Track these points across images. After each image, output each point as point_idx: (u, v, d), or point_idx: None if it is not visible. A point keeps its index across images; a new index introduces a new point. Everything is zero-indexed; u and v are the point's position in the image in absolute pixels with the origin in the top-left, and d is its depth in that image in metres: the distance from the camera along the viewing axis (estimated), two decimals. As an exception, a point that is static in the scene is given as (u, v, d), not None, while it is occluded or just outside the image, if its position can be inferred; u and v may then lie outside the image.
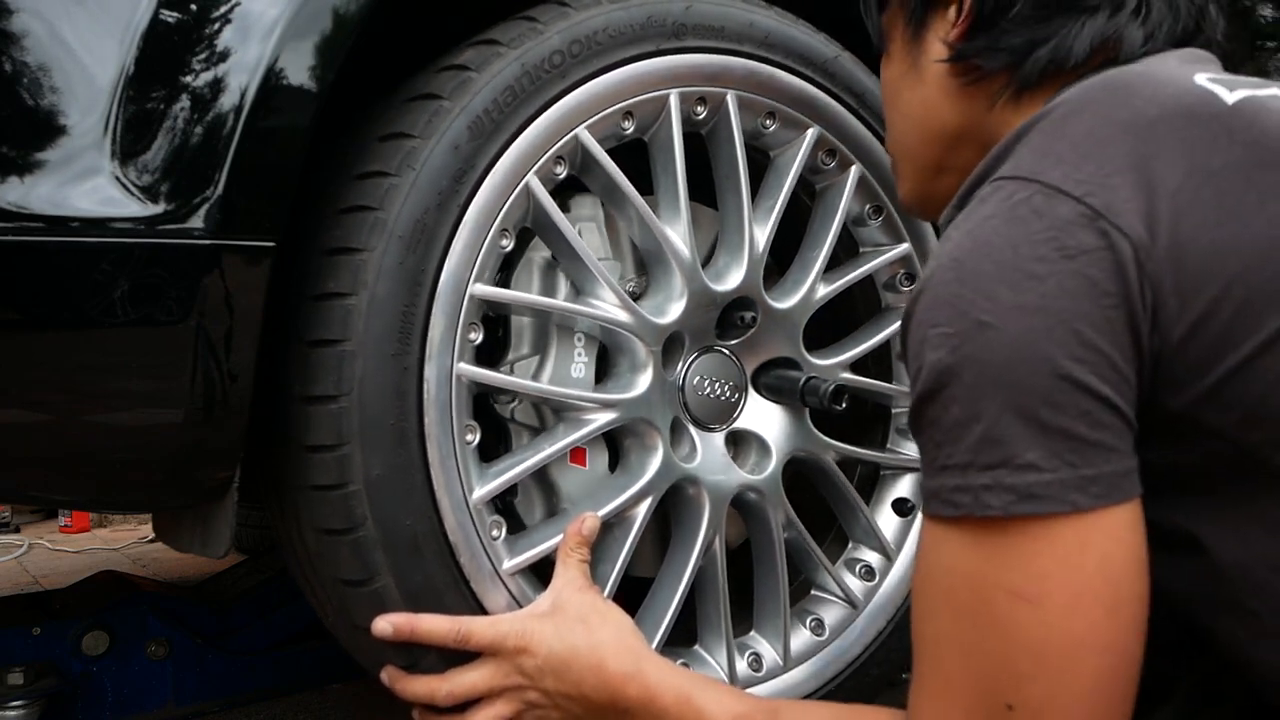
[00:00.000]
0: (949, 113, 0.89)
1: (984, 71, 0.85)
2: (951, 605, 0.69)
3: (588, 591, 1.02)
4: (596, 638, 0.97)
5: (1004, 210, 0.69)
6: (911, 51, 0.91)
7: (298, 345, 0.98)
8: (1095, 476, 0.64)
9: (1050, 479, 0.64)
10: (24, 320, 0.85)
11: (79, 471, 0.93)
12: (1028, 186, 0.69)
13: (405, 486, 0.98)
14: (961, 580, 0.68)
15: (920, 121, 0.92)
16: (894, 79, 0.96)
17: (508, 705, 0.98)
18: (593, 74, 1.09)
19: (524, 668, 0.97)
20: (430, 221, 0.99)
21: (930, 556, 0.71)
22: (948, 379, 0.66)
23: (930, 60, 0.89)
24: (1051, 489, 0.64)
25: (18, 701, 1.34)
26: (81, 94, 0.84)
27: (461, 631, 0.98)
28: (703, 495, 1.18)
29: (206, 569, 2.40)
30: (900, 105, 0.95)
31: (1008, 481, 0.64)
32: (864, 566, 1.35)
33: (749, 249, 1.20)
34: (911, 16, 0.91)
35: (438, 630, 0.98)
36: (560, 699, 0.96)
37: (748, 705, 0.90)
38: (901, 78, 0.94)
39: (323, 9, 0.92)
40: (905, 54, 0.92)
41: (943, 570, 0.69)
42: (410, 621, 0.98)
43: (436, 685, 0.99)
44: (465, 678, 0.98)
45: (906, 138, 0.95)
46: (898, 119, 0.97)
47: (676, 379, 1.20)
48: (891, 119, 0.98)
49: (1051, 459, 0.64)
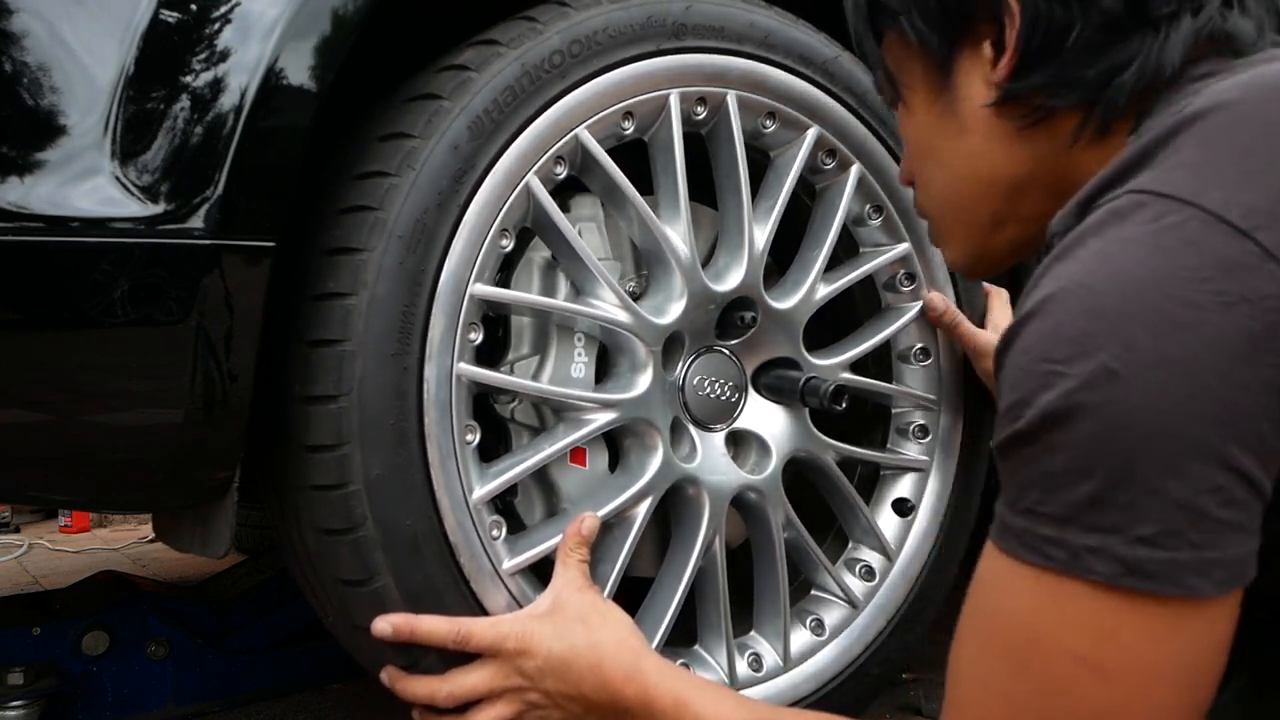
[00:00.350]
0: (1006, 161, 0.80)
1: (1050, 110, 0.76)
2: (1005, 652, 0.63)
3: (587, 591, 1.02)
4: (596, 638, 0.97)
5: (1150, 235, 0.59)
6: (942, 98, 0.82)
7: (298, 345, 0.98)
8: (1219, 561, 0.57)
9: (1167, 558, 0.56)
10: (24, 320, 0.84)
11: (79, 471, 0.93)
12: (1181, 210, 0.59)
13: (405, 486, 0.98)
14: (1024, 631, 0.62)
15: (968, 175, 0.83)
16: (923, 131, 0.86)
17: (508, 706, 0.98)
18: (593, 74, 1.09)
19: (524, 669, 0.97)
20: (430, 221, 0.99)
21: (992, 593, 0.65)
22: (1058, 425, 0.58)
23: (972, 105, 0.80)
24: (1167, 569, 0.56)
25: (18, 701, 1.34)
26: (81, 94, 0.84)
27: (461, 632, 0.98)
28: (703, 495, 1.18)
29: (206, 569, 2.40)
30: (938, 159, 0.85)
31: (1118, 551, 0.57)
32: (864, 566, 1.35)
33: (749, 249, 1.20)
34: (935, 58, 0.81)
35: (437, 631, 0.97)
36: (561, 699, 0.96)
37: (743, 711, 0.90)
38: (933, 129, 0.84)
39: (322, 9, 0.92)
40: (933, 102, 0.83)
41: (1003, 613, 0.64)
42: (410, 622, 0.97)
43: (437, 686, 0.98)
44: (466, 679, 0.98)
45: (952, 195, 0.86)
46: (936, 175, 0.87)
47: (676, 379, 1.20)
48: (928, 175, 0.88)
49: (1172, 537, 0.56)
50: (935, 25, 0.80)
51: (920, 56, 0.82)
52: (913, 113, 0.87)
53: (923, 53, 0.82)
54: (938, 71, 0.82)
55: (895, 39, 0.86)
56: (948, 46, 0.80)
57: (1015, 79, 0.76)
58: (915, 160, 0.90)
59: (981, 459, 1.42)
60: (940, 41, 0.81)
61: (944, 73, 0.81)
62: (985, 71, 0.78)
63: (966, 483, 1.40)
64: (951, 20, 0.79)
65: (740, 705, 0.92)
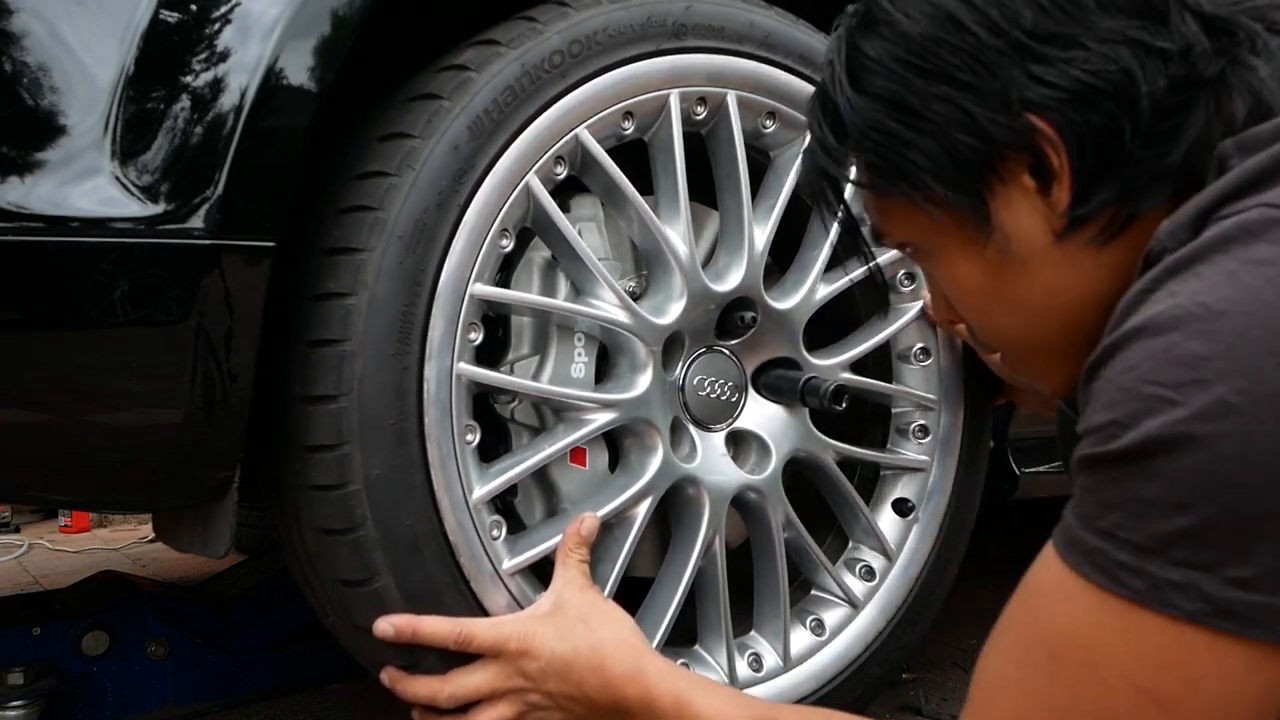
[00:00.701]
0: (1093, 279, 0.72)
1: (1134, 215, 0.69)
2: (1053, 665, 0.61)
3: (588, 591, 1.02)
4: (598, 638, 0.97)
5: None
6: (990, 244, 0.74)
7: (298, 345, 0.98)
8: None
9: (1262, 603, 0.54)
10: (24, 320, 0.84)
11: (79, 471, 0.93)
12: None
13: (405, 486, 0.98)
14: (1080, 650, 0.59)
15: (1051, 310, 0.75)
16: (972, 280, 0.77)
17: (509, 707, 0.98)
18: (593, 74, 1.09)
19: (526, 670, 0.97)
20: (430, 221, 0.99)
21: (1047, 603, 0.62)
22: (1160, 453, 0.54)
23: (1033, 244, 0.72)
24: (1259, 613, 0.54)
25: (18, 701, 1.34)
26: (81, 94, 0.84)
27: (463, 634, 0.97)
28: (703, 495, 1.18)
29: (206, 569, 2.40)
30: (1006, 304, 0.77)
31: (1206, 589, 0.54)
32: (864, 566, 1.35)
33: (749, 249, 1.20)
34: (967, 213, 0.73)
35: (439, 632, 0.97)
36: (563, 700, 0.96)
37: (743, 710, 0.90)
38: (988, 275, 0.75)
39: (322, 9, 0.92)
40: (976, 250, 0.75)
41: (1057, 627, 0.61)
42: (412, 623, 0.97)
43: (438, 687, 0.98)
44: (467, 680, 0.98)
45: (1037, 333, 0.77)
46: (1008, 319, 0.78)
47: (677, 379, 1.20)
48: (995, 321, 0.80)
49: (1270, 582, 0.53)
50: (958, 186, 0.72)
51: (949, 210, 0.74)
52: (945, 262, 0.79)
53: (948, 205, 0.73)
54: (971, 224, 0.73)
55: (899, 204, 0.77)
56: (979, 200, 0.72)
57: (1079, 204, 0.69)
58: (968, 306, 0.81)
59: (982, 458, 1.42)
60: (970, 199, 0.72)
61: (981, 222, 0.73)
62: (1034, 204, 0.71)
63: (967, 482, 1.40)
64: (976, 173, 0.72)
65: (740, 703, 0.92)
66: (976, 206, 0.72)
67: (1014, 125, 0.69)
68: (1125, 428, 0.56)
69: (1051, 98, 0.68)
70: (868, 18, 0.75)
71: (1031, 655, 0.62)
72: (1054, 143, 0.69)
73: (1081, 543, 0.59)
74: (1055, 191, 0.70)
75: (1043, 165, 0.70)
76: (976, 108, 0.69)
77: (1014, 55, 0.69)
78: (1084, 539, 0.59)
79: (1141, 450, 0.55)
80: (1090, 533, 0.58)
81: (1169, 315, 0.56)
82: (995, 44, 0.69)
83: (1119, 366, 0.58)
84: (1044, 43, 0.68)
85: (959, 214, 0.73)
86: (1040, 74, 0.68)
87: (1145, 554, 0.56)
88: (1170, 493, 0.54)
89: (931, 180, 0.73)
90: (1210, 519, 0.53)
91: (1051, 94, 0.68)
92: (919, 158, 0.72)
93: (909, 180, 0.74)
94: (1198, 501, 0.54)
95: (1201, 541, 0.54)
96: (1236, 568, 0.53)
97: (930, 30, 0.71)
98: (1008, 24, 0.69)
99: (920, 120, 0.72)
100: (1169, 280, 0.58)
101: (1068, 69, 0.68)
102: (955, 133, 0.71)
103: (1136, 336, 0.57)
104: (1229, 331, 0.54)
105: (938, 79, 0.71)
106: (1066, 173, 0.69)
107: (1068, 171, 0.69)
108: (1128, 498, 0.56)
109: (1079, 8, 0.68)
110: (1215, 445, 0.53)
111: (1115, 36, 0.67)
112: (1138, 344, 0.57)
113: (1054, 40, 0.68)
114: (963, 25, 0.70)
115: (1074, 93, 0.67)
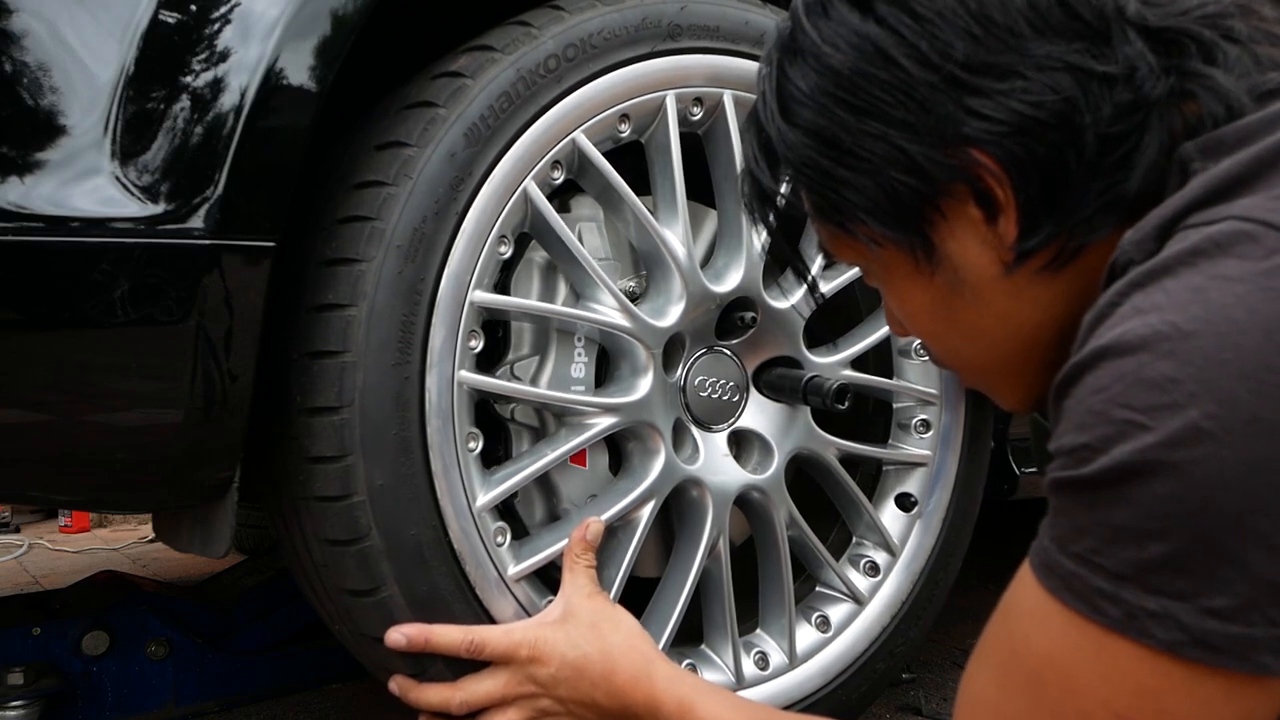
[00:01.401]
0: (1047, 304, 0.70)
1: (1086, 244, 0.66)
2: (1032, 689, 0.60)
3: (596, 597, 1.02)
4: (608, 644, 0.97)
5: (1259, 275, 0.52)
6: (938, 274, 0.71)
7: (298, 357, 0.98)
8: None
9: (1240, 634, 0.52)
10: (24, 320, 0.84)
11: (79, 471, 0.93)
12: None
13: (409, 496, 0.98)
14: (1058, 675, 0.58)
15: (1005, 337, 0.73)
16: (923, 306, 0.75)
17: (520, 713, 0.98)
18: (588, 78, 1.08)
19: (537, 676, 0.97)
20: (428, 230, 0.99)
21: (1025, 626, 0.60)
22: (1131, 480, 0.53)
23: (982, 275, 0.70)
24: (1237, 645, 0.52)
25: (18, 701, 1.34)
26: (81, 94, 0.84)
27: (475, 641, 0.98)
28: (706, 496, 1.18)
29: (206, 569, 2.40)
30: (959, 330, 0.75)
31: (1184, 620, 0.52)
32: (868, 562, 1.35)
33: (748, 248, 1.20)
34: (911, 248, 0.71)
35: (451, 640, 0.98)
36: (573, 705, 0.97)
37: (742, 714, 0.90)
38: (939, 303, 0.73)
39: (322, 10, 0.92)
40: (925, 280, 0.72)
41: (1035, 650, 0.59)
42: (424, 632, 0.98)
43: (449, 694, 0.99)
44: (479, 686, 0.98)
45: (991, 358, 0.76)
46: (963, 345, 0.76)
47: (678, 380, 1.20)
48: (950, 345, 0.78)
49: (1248, 612, 0.51)
50: (897, 225, 0.70)
51: (894, 244, 0.71)
52: (893, 287, 0.77)
53: (893, 241, 0.71)
54: (918, 255, 0.71)
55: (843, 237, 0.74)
56: (922, 235, 0.70)
57: (1027, 237, 0.66)
58: (919, 329, 0.79)
59: (984, 453, 1.42)
60: (911, 235, 0.70)
61: (926, 255, 0.70)
62: (981, 235, 0.68)
63: (969, 476, 1.40)
64: (916, 209, 0.69)
65: (739, 707, 0.92)
66: (919, 241, 0.70)
67: (953, 161, 0.66)
68: (1097, 452, 0.54)
69: (990, 131, 0.64)
70: (793, 44, 0.71)
71: (1011, 677, 0.61)
72: (997, 176, 0.66)
73: (1057, 567, 0.58)
74: (1002, 223, 0.67)
75: (986, 197, 0.67)
76: (912, 145, 0.66)
77: (948, 89, 0.65)
78: (1059, 563, 0.58)
79: (1114, 476, 0.54)
80: (1066, 557, 0.57)
81: (1137, 335, 0.54)
82: (927, 78, 0.65)
83: (1089, 387, 0.56)
84: (979, 74, 0.64)
85: (902, 248, 0.71)
86: (977, 107, 0.64)
87: (1121, 581, 0.54)
88: (1143, 520, 0.53)
89: (868, 219, 0.70)
90: (1185, 547, 0.52)
91: (990, 128, 0.64)
92: (854, 196, 0.70)
93: (845, 216, 0.71)
94: (1171, 530, 0.52)
95: (1177, 570, 0.52)
96: (1213, 597, 0.52)
97: (857, 64, 0.67)
98: (939, 57, 0.65)
99: (853, 159, 0.68)
100: (1134, 293, 0.56)
101: (1005, 101, 0.64)
102: (891, 171, 0.67)
103: (1105, 356, 0.55)
104: (1199, 353, 0.51)
105: (869, 116, 0.67)
106: (1012, 206, 0.66)
107: (1013, 204, 0.66)
108: (1101, 523, 0.55)
109: (1014, 35, 0.64)
110: (1188, 472, 0.51)
111: (1054, 63, 0.64)
112: (1106, 364, 0.55)
113: (989, 71, 0.64)
114: (891, 59, 0.66)
115: (1014, 125, 0.64)
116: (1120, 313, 0.56)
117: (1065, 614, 0.57)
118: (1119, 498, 0.53)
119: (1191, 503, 0.51)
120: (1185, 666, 0.53)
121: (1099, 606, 0.55)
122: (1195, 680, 0.54)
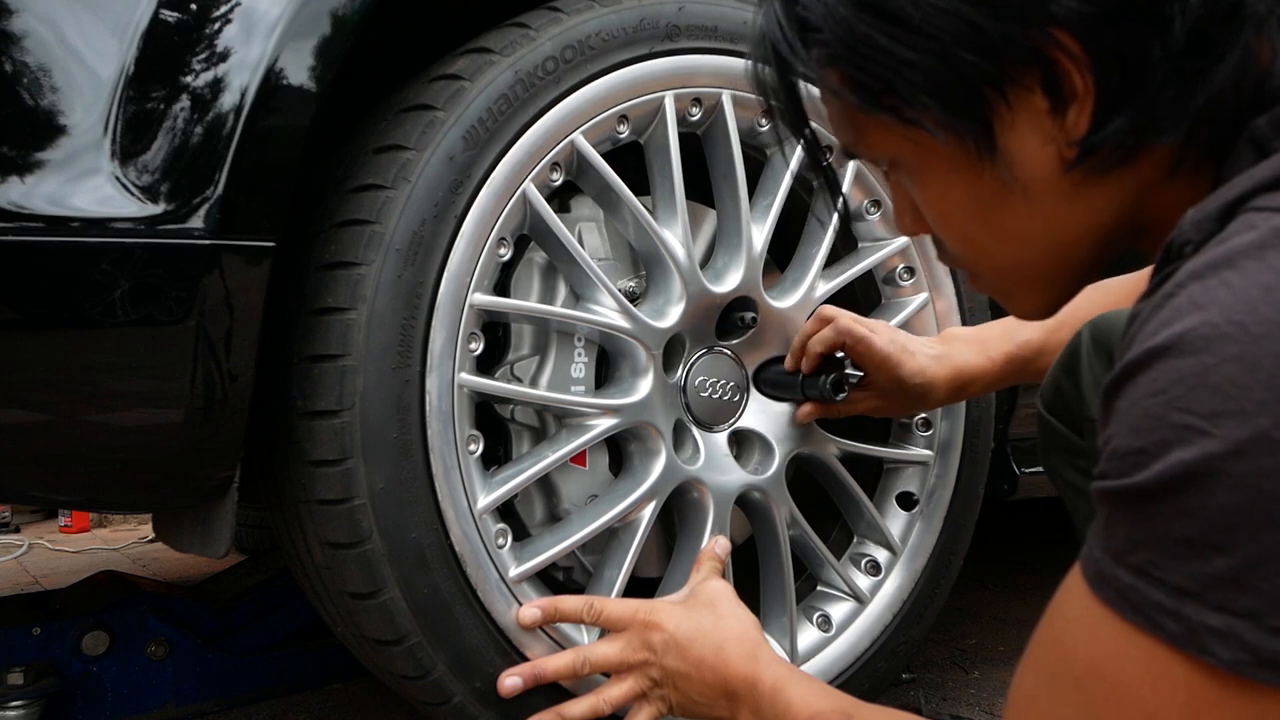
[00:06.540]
0: (1091, 212, 0.66)
1: (1143, 147, 0.62)
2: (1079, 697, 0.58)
3: (718, 587, 1.06)
4: (723, 622, 1.00)
5: None
6: (986, 169, 0.66)
7: (299, 360, 0.98)
8: None
9: None
10: (24, 320, 0.84)
11: (80, 471, 0.93)
12: None
13: (410, 499, 0.98)
14: (1108, 687, 0.56)
15: (1049, 242, 0.69)
16: (961, 205, 0.69)
17: (637, 682, 1.02)
18: (587, 79, 1.08)
19: (650, 642, 1.01)
20: (427, 234, 0.99)
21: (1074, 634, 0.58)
22: (1192, 489, 0.50)
23: (1038, 170, 0.65)
24: None
25: (18, 701, 1.34)
26: (81, 94, 0.84)
27: (595, 606, 1.05)
28: (707, 496, 1.18)
29: (206, 569, 2.40)
30: (999, 233, 0.69)
31: (1248, 638, 0.50)
32: (869, 561, 1.35)
33: (747, 248, 1.20)
34: (966, 132, 0.64)
35: (575, 605, 1.06)
36: (677, 678, 0.99)
37: (828, 703, 0.91)
38: (982, 203, 0.68)
39: (322, 10, 0.92)
40: (970, 175, 0.66)
41: (1084, 660, 0.57)
42: (554, 603, 1.06)
43: (574, 659, 1.05)
44: (598, 649, 1.04)
45: (1032, 265, 0.71)
46: (1000, 249, 0.71)
47: (678, 381, 1.20)
48: (983, 248, 0.72)
49: None
50: (961, 110, 0.63)
51: (949, 127, 0.65)
52: (930, 183, 0.70)
53: (947, 123, 0.65)
54: (971, 148, 0.65)
55: (881, 120, 0.68)
56: (984, 123, 0.63)
57: (1096, 130, 0.61)
58: (949, 230, 0.73)
59: (985, 449, 1.42)
60: (974, 123, 0.64)
61: (984, 147, 0.65)
62: (1044, 128, 0.63)
63: (970, 474, 1.40)
64: (981, 95, 0.63)
65: (826, 696, 0.93)
66: (980, 131, 0.64)
67: (1034, 43, 0.60)
68: (1152, 457, 0.51)
69: (1079, 11, 0.59)
70: None
71: (1060, 685, 0.59)
72: (1080, 61, 0.60)
73: (1112, 579, 0.55)
74: (1072, 114, 0.62)
75: (1057, 85, 0.61)
76: (990, 23, 0.60)
77: None
78: (1115, 574, 0.55)
79: (1171, 484, 0.50)
80: (1122, 569, 0.54)
81: (1200, 334, 0.50)
82: None
83: (1145, 388, 0.52)
84: None
85: (956, 138, 0.65)
86: None
87: (1181, 595, 0.51)
88: (1206, 533, 0.50)
89: (930, 101, 0.63)
90: (1252, 562, 0.49)
91: (1079, 7, 0.59)
92: (916, 77, 0.63)
93: (902, 100, 0.64)
94: (1237, 544, 0.49)
95: (1242, 586, 0.49)
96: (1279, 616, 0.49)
97: None
98: None
99: (920, 36, 0.61)
100: (1192, 285, 0.53)
101: None
102: (961, 50, 0.61)
103: (1162, 355, 0.52)
104: (1270, 358, 0.48)
105: None
106: (1090, 95, 0.61)
107: (1091, 94, 0.60)
108: (1160, 536, 0.52)
109: None
110: (1256, 483, 0.48)
111: None
112: (1164, 364, 0.51)
113: None
114: None
115: (1105, 5, 0.59)
116: (1176, 305, 0.53)
117: (1117, 623, 0.55)
118: (1180, 509, 0.51)
119: (1259, 515, 0.48)
120: (1244, 685, 0.51)
121: (1158, 621, 0.52)
122: (1251, 697, 0.51)
